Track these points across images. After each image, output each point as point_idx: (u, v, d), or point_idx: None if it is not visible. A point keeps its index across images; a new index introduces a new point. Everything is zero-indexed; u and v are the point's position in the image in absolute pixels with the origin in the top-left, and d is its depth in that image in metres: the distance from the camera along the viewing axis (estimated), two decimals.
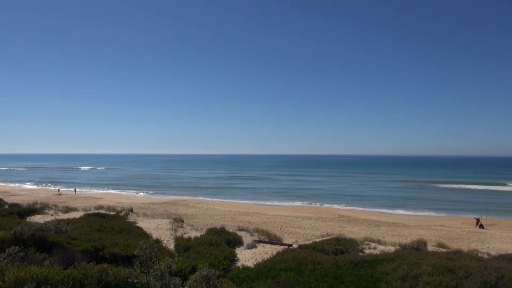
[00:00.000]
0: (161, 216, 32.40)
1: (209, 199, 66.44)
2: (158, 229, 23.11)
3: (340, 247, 18.06)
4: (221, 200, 65.53)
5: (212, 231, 22.15)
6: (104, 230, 18.97)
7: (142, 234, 20.05)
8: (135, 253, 9.29)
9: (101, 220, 22.06)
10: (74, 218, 22.87)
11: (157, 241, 18.33)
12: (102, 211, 28.72)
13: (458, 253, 16.06)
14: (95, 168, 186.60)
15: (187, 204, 54.92)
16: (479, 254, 18.39)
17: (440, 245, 23.28)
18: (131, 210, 30.46)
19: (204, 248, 16.96)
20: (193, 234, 22.50)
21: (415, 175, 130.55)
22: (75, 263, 9.29)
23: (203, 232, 22.88)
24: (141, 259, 8.99)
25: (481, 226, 38.57)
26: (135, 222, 24.82)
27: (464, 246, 24.63)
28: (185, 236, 21.61)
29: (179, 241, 19.57)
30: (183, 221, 28.18)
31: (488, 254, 21.02)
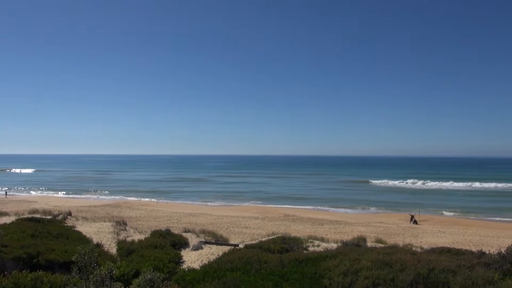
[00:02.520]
0: (102, 219, 30.96)
1: (154, 200, 64.79)
2: (99, 233, 22.13)
3: (285, 245, 18.44)
4: (166, 201, 64.15)
5: (156, 234, 21.63)
6: (39, 236, 17.84)
7: (82, 239, 19.13)
8: (73, 258, 8.85)
9: (35, 225, 20.69)
10: (5, 224, 21.25)
11: (98, 245, 17.59)
12: (37, 215, 26.97)
13: (394, 248, 17.10)
14: (15, 171, 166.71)
15: (130, 206, 53.11)
16: (413, 248, 19.65)
17: (378, 240, 24.62)
18: (70, 214, 28.91)
19: (149, 251, 16.55)
20: (137, 237, 21.85)
21: (358, 175, 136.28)
22: (6, 272, 8.67)
23: (148, 235, 22.28)
24: (79, 265, 8.59)
25: (415, 222, 41.25)
26: (74, 226, 23.61)
27: (400, 241, 26.19)
28: (128, 239, 20.94)
29: (121, 244, 18.91)
30: (126, 224, 27.22)
31: (421, 247, 22.51)
